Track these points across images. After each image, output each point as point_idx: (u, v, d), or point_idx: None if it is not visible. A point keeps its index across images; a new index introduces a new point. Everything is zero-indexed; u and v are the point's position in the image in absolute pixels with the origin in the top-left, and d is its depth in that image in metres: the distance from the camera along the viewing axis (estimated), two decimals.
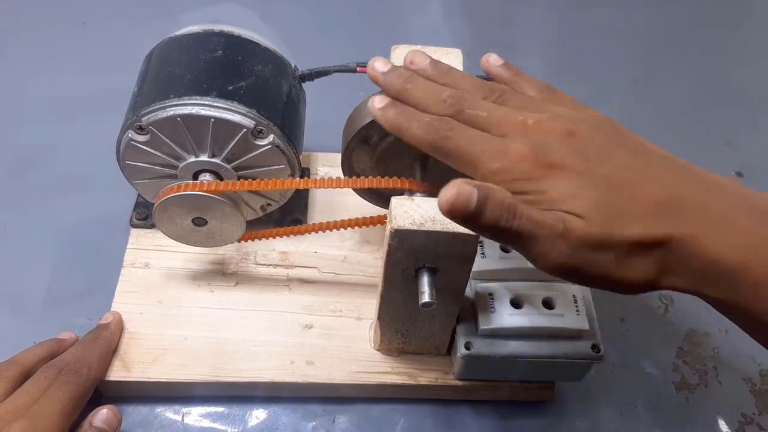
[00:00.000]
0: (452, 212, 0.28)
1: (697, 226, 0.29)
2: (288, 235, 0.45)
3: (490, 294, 0.42)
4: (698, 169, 0.32)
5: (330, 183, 0.41)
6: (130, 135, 0.42)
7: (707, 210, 0.30)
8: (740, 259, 0.28)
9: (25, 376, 0.40)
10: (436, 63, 0.37)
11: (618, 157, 0.31)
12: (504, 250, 0.44)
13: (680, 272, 0.29)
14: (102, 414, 0.40)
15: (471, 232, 0.35)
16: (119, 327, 0.44)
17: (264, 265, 0.49)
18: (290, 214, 0.51)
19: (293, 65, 0.47)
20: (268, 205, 0.48)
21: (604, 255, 0.29)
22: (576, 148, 0.31)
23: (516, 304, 0.42)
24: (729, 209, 0.30)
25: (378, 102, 0.35)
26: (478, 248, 0.43)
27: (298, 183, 0.42)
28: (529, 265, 0.42)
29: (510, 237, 0.29)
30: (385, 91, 0.36)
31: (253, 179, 0.42)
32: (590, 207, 0.29)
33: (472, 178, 0.29)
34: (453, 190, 0.28)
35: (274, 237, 0.46)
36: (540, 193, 0.30)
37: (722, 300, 0.29)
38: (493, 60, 0.39)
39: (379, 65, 0.37)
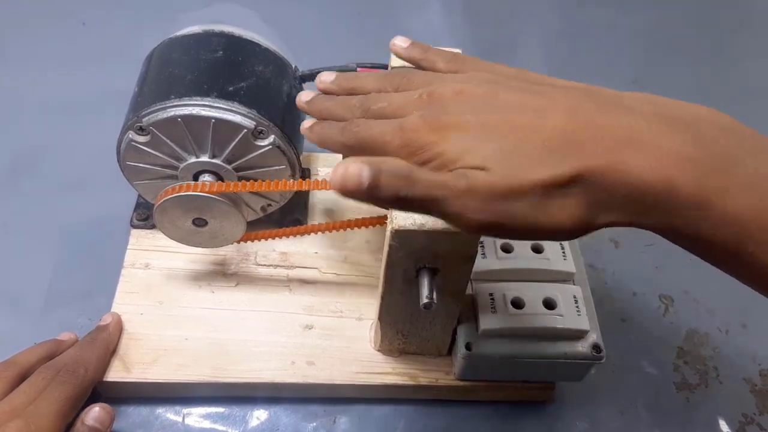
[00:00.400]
0: (346, 192, 0.28)
1: (608, 154, 0.27)
2: (288, 236, 0.45)
3: (491, 294, 0.42)
4: (607, 91, 0.31)
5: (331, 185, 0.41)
6: (130, 136, 0.42)
7: (614, 134, 0.28)
8: (663, 179, 0.27)
9: (23, 377, 0.40)
10: (341, 75, 0.39)
11: (510, 101, 0.30)
12: (504, 250, 0.44)
13: (610, 206, 0.28)
14: (94, 412, 0.40)
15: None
16: (118, 328, 0.44)
17: (264, 265, 0.49)
18: (290, 215, 0.51)
19: (293, 65, 0.47)
20: (269, 205, 0.48)
21: (518, 204, 0.28)
22: (465, 104, 0.31)
23: (516, 304, 0.42)
24: (642, 128, 0.28)
25: (306, 123, 0.37)
26: (479, 248, 0.43)
27: (299, 185, 0.42)
28: (530, 265, 0.43)
29: (416, 205, 0.29)
30: (312, 116, 0.39)
31: (254, 180, 0.42)
32: (490, 157, 0.28)
33: None
34: (341, 169, 0.28)
35: (274, 238, 0.46)
36: (440, 156, 0.29)
37: (663, 228, 0.28)
38: (399, 42, 0.39)
39: (304, 96, 0.39)
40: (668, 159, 0.27)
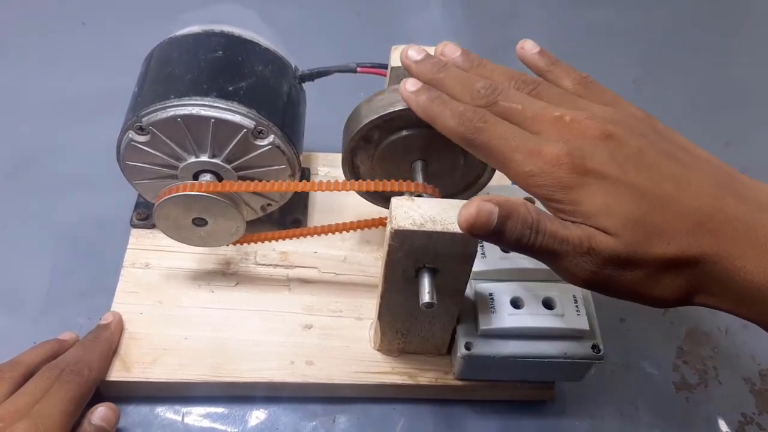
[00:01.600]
0: (471, 230, 0.28)
1: (736, 247, 0.27)
2: (287, 238, 0.45)
3: (491, 294, 0.42)
4: (743, 177, 0.30)
5: (331, 186, 0.41)
6: (130, 135, 0.42)
7: (750, 229, 0.28)
8: None
9: (27, 377, 0.40)
10: (466, 53, 0.36)
11: (657, 164, 0.30)
12: (504, 250, 0.44)
13: (713, 291, 0.28)
14: (100, 411, 0.40)
15: None
16: (119, 327, 0.44)
17: (264, 265, 0.49)
18: (290, 214, 0.51)
19: (293, 65, 0.47)
20: (269, 205, 0.48)
21: (631, 272, 0.28)
22: (614, 153, 0.29)
23: (516, 304, 0.42)
24: None
25: (411, 85, 0.34)
26: (479, 248, 0.43)
27: (300, 186, 0.42)
28: (529, 265, 0.43)
29: (533, 253, 0.29)
30: (418, 79, 0.35)
31: (254, 179, 0.42)
32: (622, 224, 0.28)
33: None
34: (472, 209, 0.28)
35: (274, 240, 0.46)
36: (573, 204, 0.29)
37: (758, 321, 0.29)
38: (528, 47, 0.37)
39: (412, 53, 0.35)
40: None
